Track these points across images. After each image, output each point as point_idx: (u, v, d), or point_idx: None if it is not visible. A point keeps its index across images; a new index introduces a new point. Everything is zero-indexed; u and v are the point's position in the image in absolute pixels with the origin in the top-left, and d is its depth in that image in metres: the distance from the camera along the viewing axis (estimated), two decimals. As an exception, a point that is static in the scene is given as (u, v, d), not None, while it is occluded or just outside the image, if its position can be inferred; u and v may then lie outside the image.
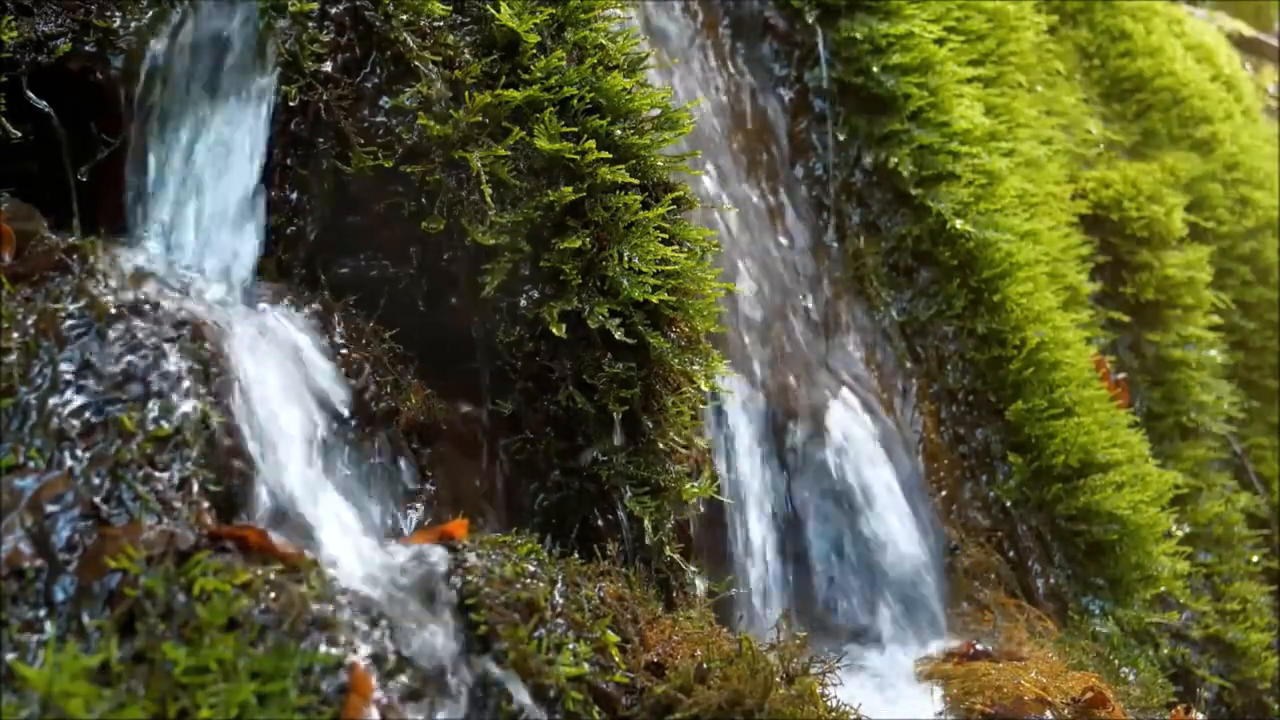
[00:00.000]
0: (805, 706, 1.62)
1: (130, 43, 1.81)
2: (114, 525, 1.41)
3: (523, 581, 1.56)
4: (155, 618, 1.32)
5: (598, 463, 1.91)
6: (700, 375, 1.97)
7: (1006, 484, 2.78)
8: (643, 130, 1.93)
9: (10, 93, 1.77)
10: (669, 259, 1.89)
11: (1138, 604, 2.79)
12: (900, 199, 2.90)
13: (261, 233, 1.81)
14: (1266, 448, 3.73)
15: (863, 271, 2.87)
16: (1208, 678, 2.92)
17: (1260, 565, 3.33)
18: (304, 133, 1.84)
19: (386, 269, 1.90)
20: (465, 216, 1.84)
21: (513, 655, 1.48)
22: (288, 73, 1.80)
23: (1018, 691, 2.13)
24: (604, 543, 1.85)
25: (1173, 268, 3.55)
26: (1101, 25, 3.99)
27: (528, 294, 1.87)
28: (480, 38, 1.92)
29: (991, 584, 2.66)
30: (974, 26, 3.22)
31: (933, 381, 2.83)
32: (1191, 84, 4.03)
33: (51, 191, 1.81)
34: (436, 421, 1.87)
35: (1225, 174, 3.96)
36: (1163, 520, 2.86)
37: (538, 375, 1.90)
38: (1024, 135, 3.24)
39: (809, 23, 2.93)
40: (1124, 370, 3.38)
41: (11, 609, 1.33)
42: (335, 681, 1.33)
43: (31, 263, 1.63)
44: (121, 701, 1.25)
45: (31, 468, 1.42)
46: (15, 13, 1.77)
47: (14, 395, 1.46)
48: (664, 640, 1.68)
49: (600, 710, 1.52)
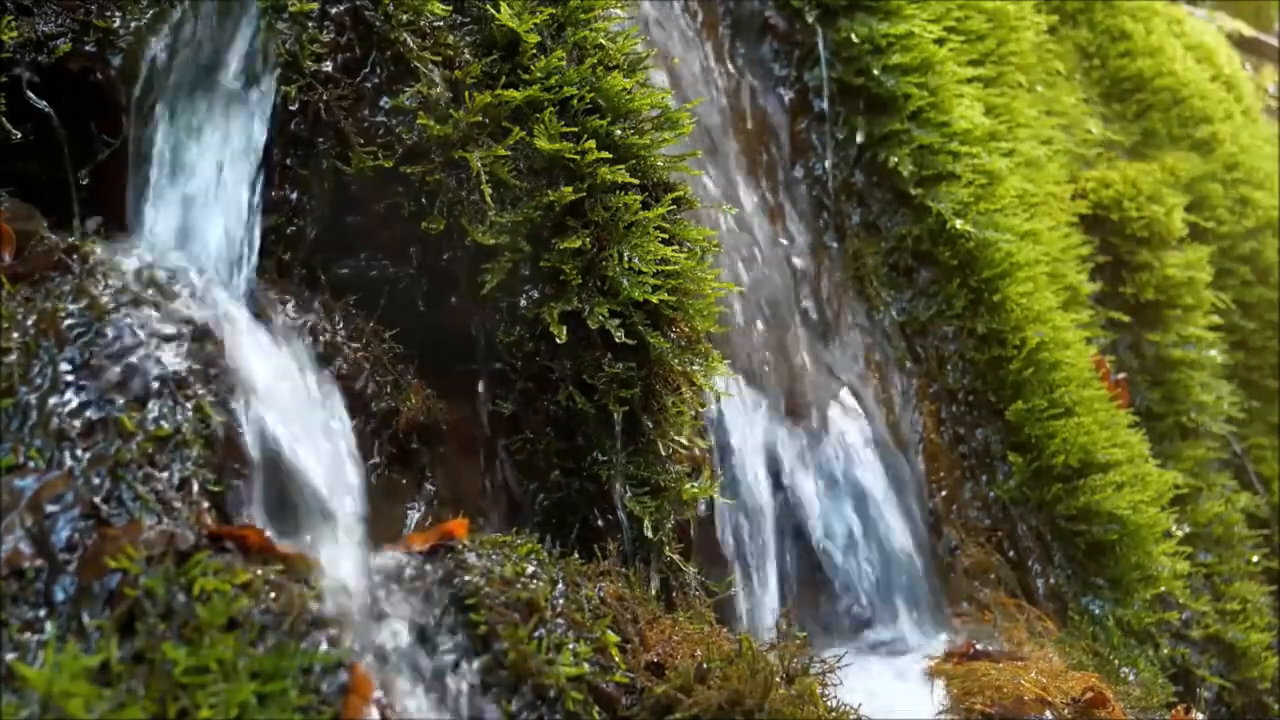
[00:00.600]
0: (805, 706, 1.62)
1: (130, 43, 1.80)
2: (114, 525, 1.41)
3: (523, 581, 1.56)
4: (155, 618, 1.32)
5: (598, 463, 1.91)
6: (700, 375, 1.97)
7: (1006, 484, 2.78)
8: (643, 130, 1.93)
9: (10, 93, 1.77)
10: (669, 259, 1.89)
11: (1138, 604, 2.79)
12: (900, 199, 2.90)
13: (261, 233, 1.81)
14: (1266, 448, 3.73)
15: (863, 271, 2.87)
16: (1208, 678, 2.92)
17: (1260, 565, 3.33)
18: (304, 133, 1.84)
19: (386, 269, 1.90)
20: (465, 216, 1.84)
21: (513, 655, 1.48)
22: (288, 73, 1.80)
23: (1018, 691, 2.12)
24: (604, 543, 1.85)
25: (1173, 268, 3.55)
26: (1101, 25, 3.98)
27: (528, 294, 1.87)
28: (480, 38, 1.92)
29: (991, 584, 2.66)
30: (974, 26, 3.21)
31: (933, 381, 2.83)
32: (1191, 84, 4.03)
33: (51, 191, 1.81)
34: (436, 421, 1.87)
35: (1225, 174, 3.96)
36: (1163, 520, 2.86)
37: (538, 375, 1.90)
38: (1024, 135, 3.24)
39: (809, 23, 2.93)
40: (1124, 370, 3.38)
41: (11, 609, 1.33)
42: (335, 681, 1.33)
43: (31, 263, 1.63)
44: (121, 701, 1.25)
45: (31, 468, 1.42)
46: (15, 13, 1.77)
47: (14, 395, 1.46)
48: (664, 640, 1.68)
49: (600, 710, 1.52)
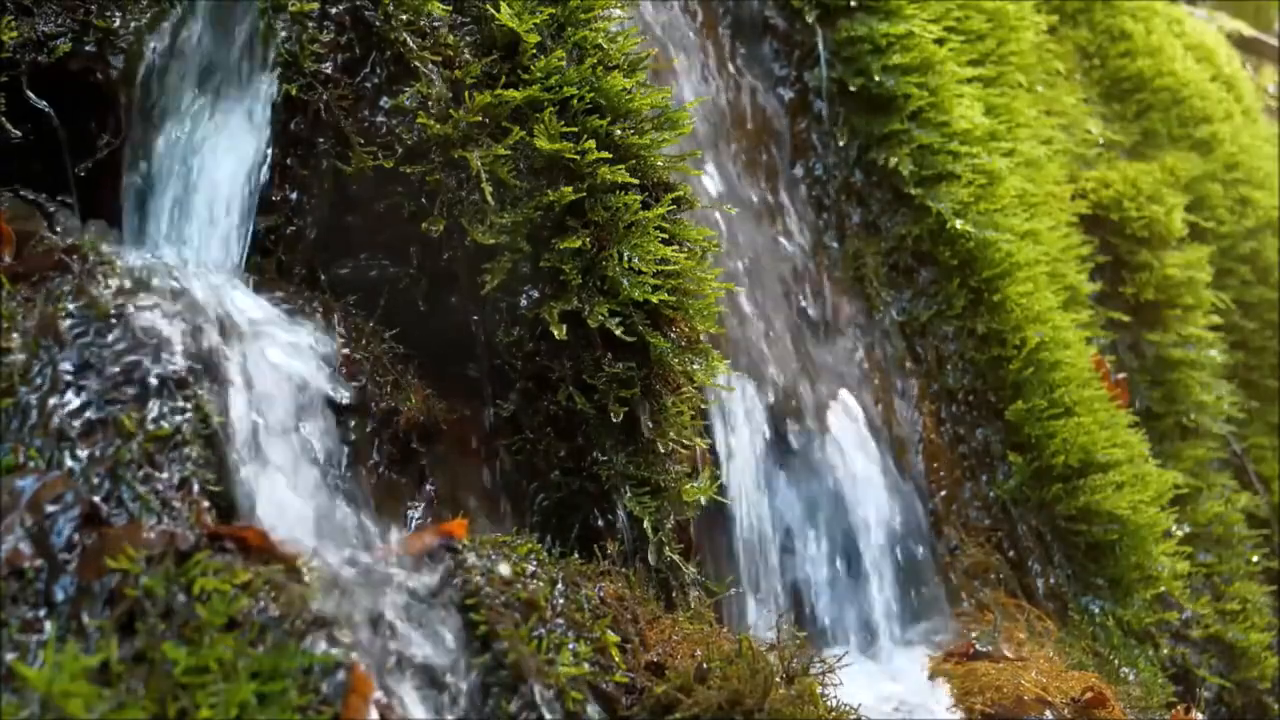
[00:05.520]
0: (805, 706, 1.62)
1: (130, 43, 1.80)
2: (114, 525, 1.41)
3: (523, 581, 1.56)
4: (155, 618, 1.32)
5: (598, 463, 1.91)
6: (700, 375, 1.97)
7: (1006, 484, 2.78)
8: (643, 130, 1.93)
9: (10, 93, 1.77)
10: (669, 259, 1.89)
11: (1138, 604, 2.79)
12: (900, 199, 2.90)
13: (261, 233, 1.81)
14: (1266, 448, 3.73)
15: (863, 271, 2.87)
16: (1208, 678, 2.92)
17: (1260, 565, 3.33)
18: (304, 133, 1.84)
19: (386, 269, 1.90)
20: (465, 216, 1.84)
21: (513, 655, 1.47)
22: (287, 73, 1.80)
23: (1018, 691, 2.13)
24: (604, 543, 1.85)
25: (1173, 268, 3.55)
26: (1101, 25, 3.99)
27: (528, 294, 1.87)
28: (480, 38, 1.92)
29: (991, 584, 2.66)
30: (974, 26, 3.21)
31: (933, 381, 2.83)
32: (1191, 84, 4.03)
33: (51, 191, 1.81)
34: (436, 421, 1.87)
35: (1225, 174, 3.96)
36: (1163, 520, 2.86)
37: (538, 375, 1.90)
38: (1024, 135, 3.23)
39: (809, 23, 2.93)
40: (1124, 370, 3.38)
41: (11, 609, 1.33)
42: (335, 681, 1.33)
43: (31, 263, 1.63)
44: (121, 701, 1.25)
45: (31, 468, 1.42)
46: (15, 13, 1.77)
47: (14, 395, 1.46)
48: (664, 640, 1.68)
49: (600, 710, 1.52)
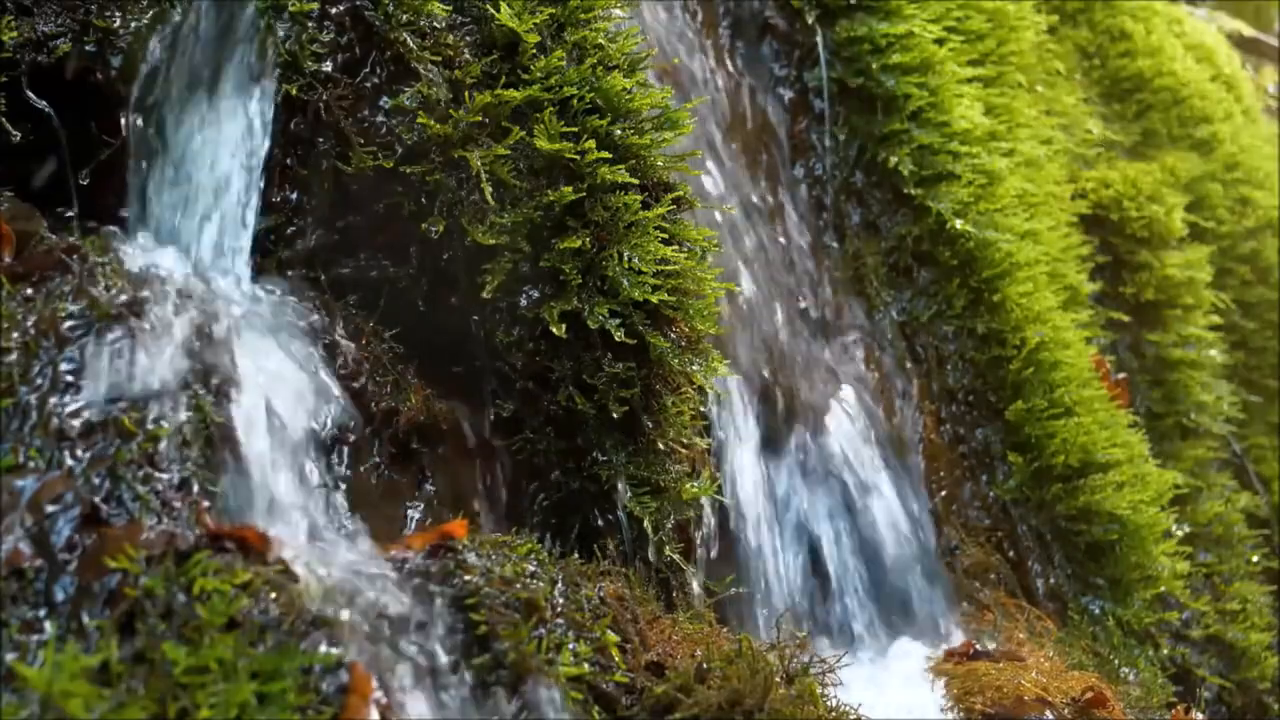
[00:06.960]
0: (805, 706, 1.62)
1: (130, 43, 1.80)
2: (114, 525, 1.41)
3: (523, 581, 1.56)
4: (155, 618, 1.32)
5: (598, 463, 1.91)
6: (700, 375, 1.97)
7: (1006, 484, 2.78)
8: (643, 130, 1.93)
9: (10, 93, 1.77)
10: (669, 259, 1.89)
11: (1138, 604, 2.79)
12: (900, 199, 2.90)
13: (261, 233, 1.81)
14: (1266, 448, 3.73)
15: (863, 271, 2.87)
16: (1208, 678, 2.92)
17: (1260, 565, 3.33)
18: (304, 133, 1.84)
19: (386, 269, 1.90)
20: (465, 216, 1.84)
21: (513, 655, 1.47)
22: (287, 73, 1.80)
23: (1018, 691, 2.12)
24: (604, 543, 1.85)
25: (1173, 268, 3.55)
26: (1101, 25, 3.98)
27: (528, 294, 1.87)
28: (480, 38, 1.92)
29: (991, 584, 2.66)
30: (974, 26, 3.21)
31: (933, 381, 2.83)
32: (1191, 84, 4.03)
33: (51, 191, 1.81)
34: (436, 421, 1.87)
35: (1225, 174, 3.96)
36: (1163, 520, 2.86)
37: (538, 375, 1.90)
38: (1024, 135, 3.23)
39: (809, 23, 2.93)
40: (1124, 370, 3.38)
41: (11, 609, 1.33)
42: (335, 681, 1.33)
43: (31, 263, 1.62)
44: (121, 701, 1.25)
45: (31, 468, 1.42)
46: (15, 13, 1.77)
47: (14, 395, 1.46)
48: (664, 640, 1.68)
49: (600, 710, 1.52)
